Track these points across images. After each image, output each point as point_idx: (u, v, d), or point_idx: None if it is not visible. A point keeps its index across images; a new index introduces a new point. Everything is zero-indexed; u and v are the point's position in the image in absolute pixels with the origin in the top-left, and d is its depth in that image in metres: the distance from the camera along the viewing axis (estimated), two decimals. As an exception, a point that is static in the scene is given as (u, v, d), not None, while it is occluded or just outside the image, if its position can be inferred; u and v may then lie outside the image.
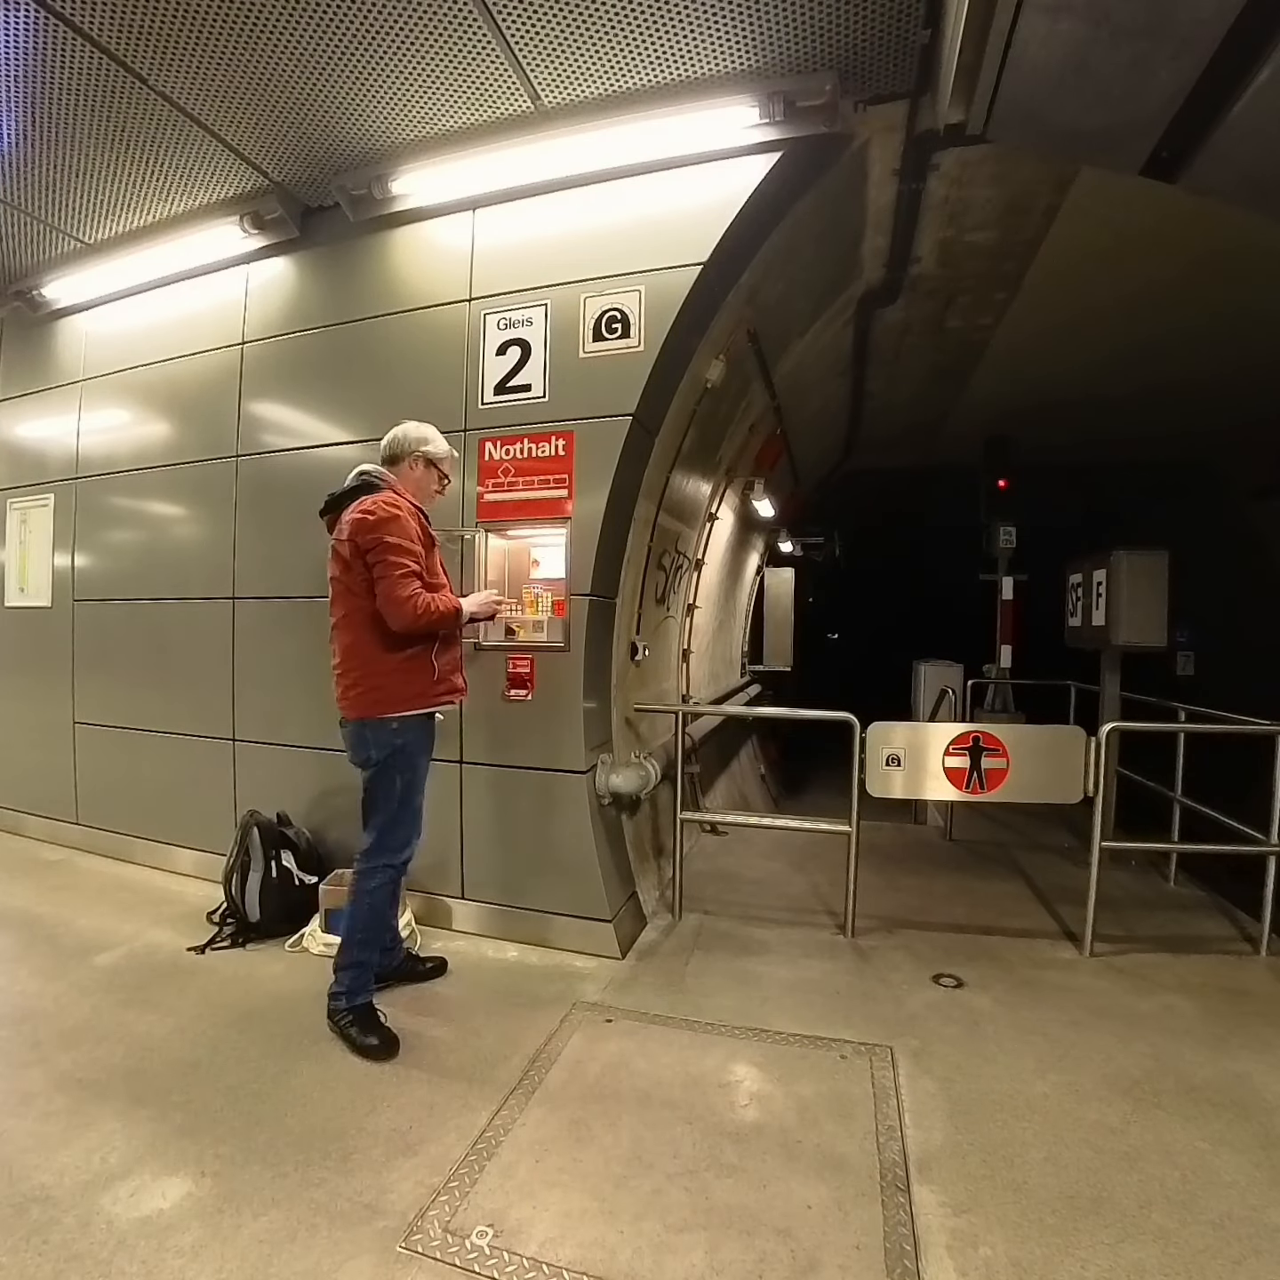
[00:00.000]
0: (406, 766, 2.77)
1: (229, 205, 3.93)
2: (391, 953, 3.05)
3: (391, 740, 2.72)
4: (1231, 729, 3.81)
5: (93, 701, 4.72)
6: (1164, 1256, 1.80)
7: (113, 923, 3.64)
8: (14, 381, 5.15)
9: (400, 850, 2.83)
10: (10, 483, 5.15)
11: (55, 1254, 1.74)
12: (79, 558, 4.78)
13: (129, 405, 4.62)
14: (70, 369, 4.86)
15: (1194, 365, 6.02)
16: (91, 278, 4.50)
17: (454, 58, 2.96)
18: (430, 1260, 1.76)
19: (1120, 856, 4.40)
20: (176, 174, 3.71)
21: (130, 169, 3.67)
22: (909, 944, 3.56)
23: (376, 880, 2.77)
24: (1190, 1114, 2.34)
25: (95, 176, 3.72)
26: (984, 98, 2.42)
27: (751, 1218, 1.91)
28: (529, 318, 3.51)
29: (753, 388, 5.00)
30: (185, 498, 4.38)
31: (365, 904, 2.76)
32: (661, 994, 3.07)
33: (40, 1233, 1.80)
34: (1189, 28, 2.03)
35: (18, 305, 4.86)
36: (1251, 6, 1.92)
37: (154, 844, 4.44)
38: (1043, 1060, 2.63)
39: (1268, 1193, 2.01)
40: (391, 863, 2.80)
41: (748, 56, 2.93)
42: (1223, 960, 3.43)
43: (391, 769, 2.74)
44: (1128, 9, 2.01)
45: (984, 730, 3.56)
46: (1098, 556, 4.99)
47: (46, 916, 3.71)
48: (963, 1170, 2.10)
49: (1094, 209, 3.86)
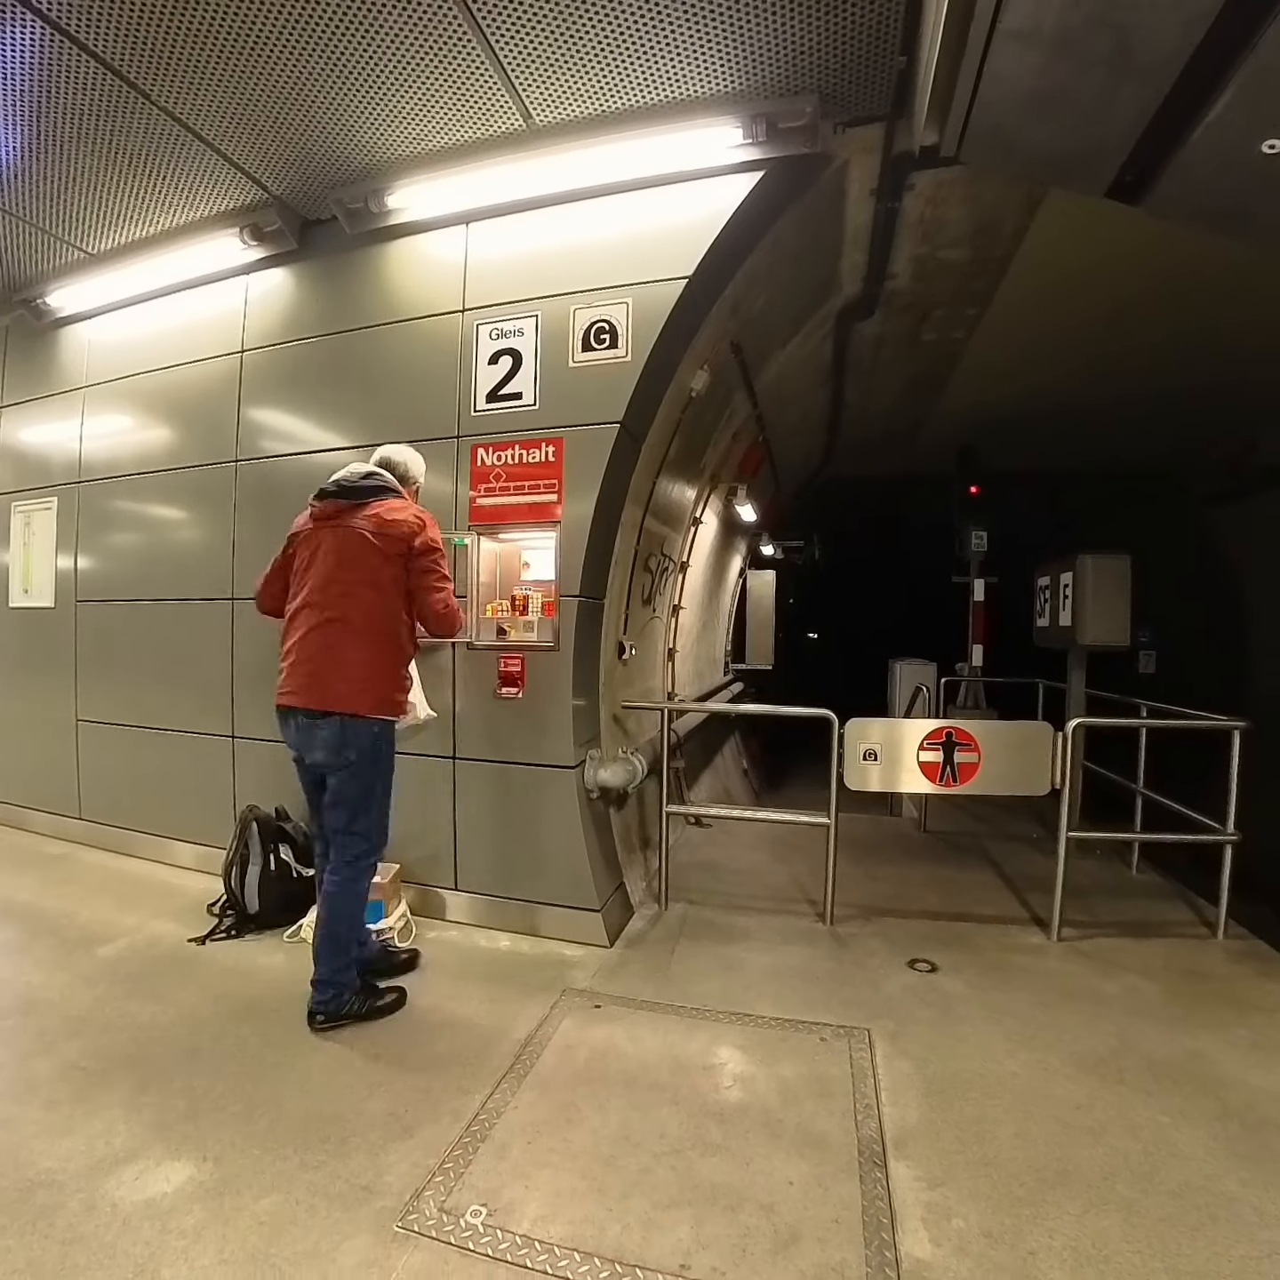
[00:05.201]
0: (386, 769, 2.79)
1: (229, 217, 3.90)
2: (362, 944, 2.95)
3: (373, 741, 2.70)
4: (1190, 724, 3.86)
5: (95, 700, 4.67)
6: (1127, 1225, 1.83)
7: (115, 915, 3.61)
8: (19, 387, 5.09)
9: (383, 846, 2.85)
10: (14, 486, 5.09)
11: (61, 1236, 1.73)
12: (81, 559, 4.73)
13: (131, 411, 4.57)
14: (74, 375, 4.81)
15: (1155, 381, 6.07)
16: (95, 287, 4.45)
17: (449, 78, 2.96)
18: (426, 1239, 1.76)
19: (1086, 846, 4.45)
20: (178, 187, 3.68)
21: (133, 181, 3.63)
22: (885, 931, 3.58)
23: (367, 882, 2.77)
24: (1152, 1090, 2.37)
25: (99, 188, 3.68)
26: (957, 122, 2.43)
27: (735, 1194, 1.92)
28: (520, 328, 3.50)
29: (736, 397, 5.01)
30: (185, 501, 4.35)
31: (360, 907, 2.75)
32: (648, 980, 3.08)
33: (46, 1216, 1.78)
34: (1150, 59, 2.05)
35: (22, 313, 4.80)
36: (1209, 39, 1.95)
37: (155, 838, 4.40)
38: (1012, 1040, 2.65)
39: (1223, 1163, 2.04)
40: (381, 859, 2.84)
41: (732, 79, 2.94)
42: (1182, 944, 3.47)
43: (375, 770, 2.73)
44: (1092, 41, 2.02)
45: (957, 726, 3.59)
46: (1064, 560, 5.03)
47: (51, 909, 3.68)
48: (937, 1146, 2.12)
49: (1061, 229, 3.89)
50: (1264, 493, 7.16)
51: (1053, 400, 6.72)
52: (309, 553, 2.77)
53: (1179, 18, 1.91)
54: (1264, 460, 7.03)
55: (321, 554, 2.72)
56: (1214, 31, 1.93)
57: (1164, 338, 5.24)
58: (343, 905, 2.70)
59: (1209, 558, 8.40)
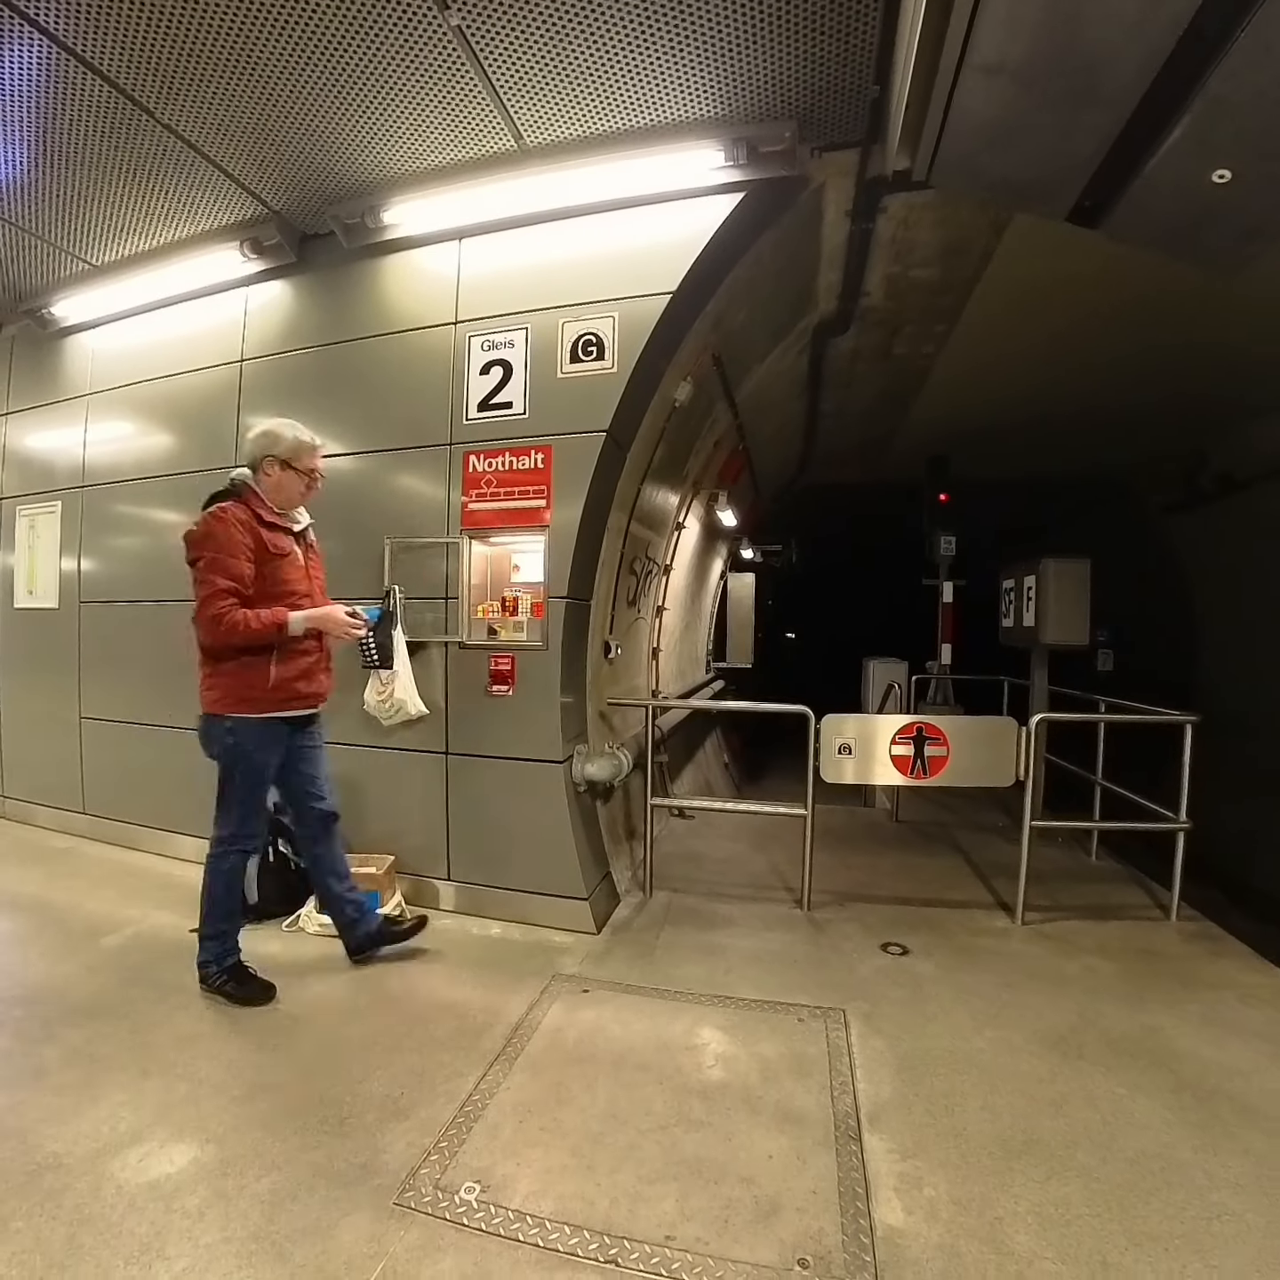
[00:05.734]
0: (243, 764, 2.70)
1: (230, 231, 3.86)
2: (360, 923, 2.98)
3: (224, 738, 2.66)
4: (1146, 719, 3.91)
5: (98, 697, 4.62)
6: (1087, 1191, 1.86)
7: (119, 906, 3.57)
8: (24, 395, 5.01)
9: (252, 838, 2.84)
10: (20, 490, 5.01)
11: (69, 1217, 1.71)
12: (85, 562, 4.67)
13: (133, 418, 4.52)
14: (77, 383, 4.74)
15: (1114, 395, 6.15)
16: (98, 297, 4.39)
17: (444, 100, 2.95)
18: (422, 1215, 1.76)
19: (1048, 834, 4.48)
20: (180, 201, 3.64)
21: (136, 196, 3.59)
22: (859, 916, 3.61)
23: (230, 863, 2.76)
24: (1110, 1064, 2.41)
25: (103, 202, 3.63)
26: (927, 148, 2.45)
27: (718, 1168, 1.93)
28: (511, 340, 3.50)
29: (717, 407, 5.02)
30: (186, 505, 4.25)
31: (222, 883, 2.75)
32: (634, 965, 3.08)
33: (54, 1198, 1.76)
34: (1108, 93, 2.07)
35: (28, 323, 4.73)
36: (1164, 74, 1.98)
37: (157, 831, 4.35)
38: (979, 1018, 2.68)
39: (1177, 1131, 2.08)
40: (245, 848, 2.80)
41: (714, 105, 2.95)
42: (1138, 926, 3.52)
43: (230, 764, 2.70)
44: (1054, 74, 2.05)
45: (927, 721, 3.62)
46: (1028, 564, 5.09)
47: (56, 901, 3.63)
48: (908, 1119, 2.14)
49: (1026, 251, 3.92)
50: (1214, 502, 7.27)
51: (1018, 412, 6.79)
52: None
53: (1137, 51, 1.94)
54: (1214, 472, 7.13)
55: None
56: (1169, 66, 1.96)
57: (1121, 354, 5.31)
58: (208, 880, 2.76)
59: (1164, 563, 8.52)
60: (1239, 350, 5.02)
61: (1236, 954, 3.23)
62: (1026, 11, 1.90)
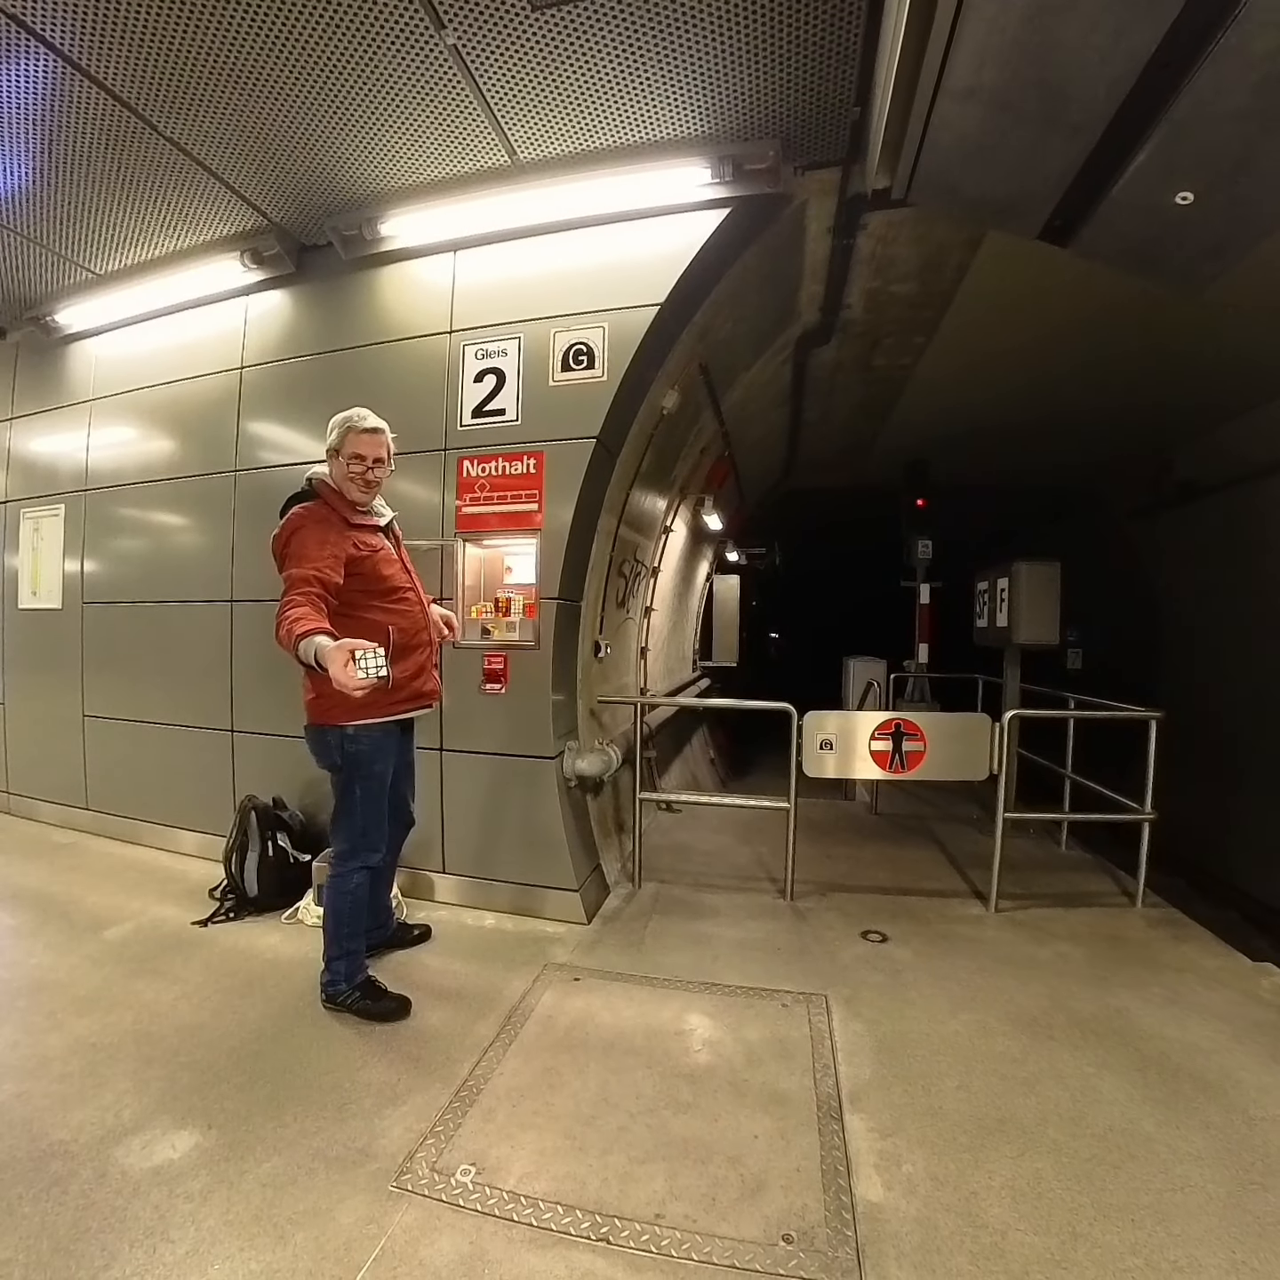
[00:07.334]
0: (364, 771, 2.53)
1: (230, 242, 3.83)
2: (385, 927, 3.01)
3: (344, 746, 2.48)
4: (1113, 715, 3.96)
5: (101, 696, 4.57)
6: (1058, 1165, 1.88)
7: (121, 900, 3.54)
8: (28, 400, 4.95)
9: (374, 853, 2.63)
10: (24, 493, 4.95)
11: (74, 1203, 1.70)
12: (88, 563, 4.62)
13: (135, 423, 4.47)
14: (80, 389, 4.69)
15: (1083, 404, 6.20)
16: (101, 306, 4.35)
17: (440, 116, 2.94)
18: (419, 1197, 1.76)
19: (1020, 826, 4.51)
20: (182, 213, 3.61)
21: (139, 207, 3.55)
22: (840, 905, 3.63)
23: (355, 881, 2.58)
24: (1079, 1044, 2.44)
25: (106, 213, 3.60)
26: (906, 168, 2.47)
27: (705, 1148, 1.94)
28: (504, 349, 3.49)
29: (704, 415, 5.03)
30: (187, 509, 4.26)
31: (348, 903, 2.58)
32: (623, 954, 3.08)
33: (60, 1184, 1.75)
34: (1078, 118, 2.10)
35: (32, 330, 4.67)
36: (1131, 100, 2.01)
37: (159, 827, 4.32)
38: (955, 1002, 2.71)
39: (1142, 1107, 2.11)
40: (367, 864, 2.61)
41: (702, 124, 2.96)
42: (1106, 912, 3.56)
43: (351, 774, 2.53)
44: (1026, 98, 2.07)
45: (905, 718, 3.64)
46: (1001, 566, 5.13)
47: (59, 895, 3.59)
48: (888, 1100, 2.15)
49: (1000, 266, 3.96)
50: (1177, 508, 7.34)
51: (993, 420, 6.83)
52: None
53: (1106, 76, 1.96)
54: (1178, 478, 7.21)
55: None
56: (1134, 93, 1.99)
57: (1090, 365, 5.35)
58: (332, 901, 2.60)
59: (1131, 566, 8.60)
60: (1200, 358, 5.07)
61: (1198, 939, 3.27)
62: (999, 40, 1.92)
